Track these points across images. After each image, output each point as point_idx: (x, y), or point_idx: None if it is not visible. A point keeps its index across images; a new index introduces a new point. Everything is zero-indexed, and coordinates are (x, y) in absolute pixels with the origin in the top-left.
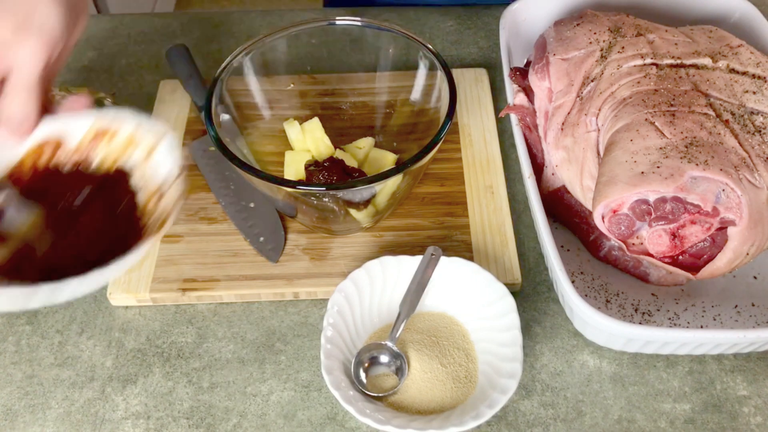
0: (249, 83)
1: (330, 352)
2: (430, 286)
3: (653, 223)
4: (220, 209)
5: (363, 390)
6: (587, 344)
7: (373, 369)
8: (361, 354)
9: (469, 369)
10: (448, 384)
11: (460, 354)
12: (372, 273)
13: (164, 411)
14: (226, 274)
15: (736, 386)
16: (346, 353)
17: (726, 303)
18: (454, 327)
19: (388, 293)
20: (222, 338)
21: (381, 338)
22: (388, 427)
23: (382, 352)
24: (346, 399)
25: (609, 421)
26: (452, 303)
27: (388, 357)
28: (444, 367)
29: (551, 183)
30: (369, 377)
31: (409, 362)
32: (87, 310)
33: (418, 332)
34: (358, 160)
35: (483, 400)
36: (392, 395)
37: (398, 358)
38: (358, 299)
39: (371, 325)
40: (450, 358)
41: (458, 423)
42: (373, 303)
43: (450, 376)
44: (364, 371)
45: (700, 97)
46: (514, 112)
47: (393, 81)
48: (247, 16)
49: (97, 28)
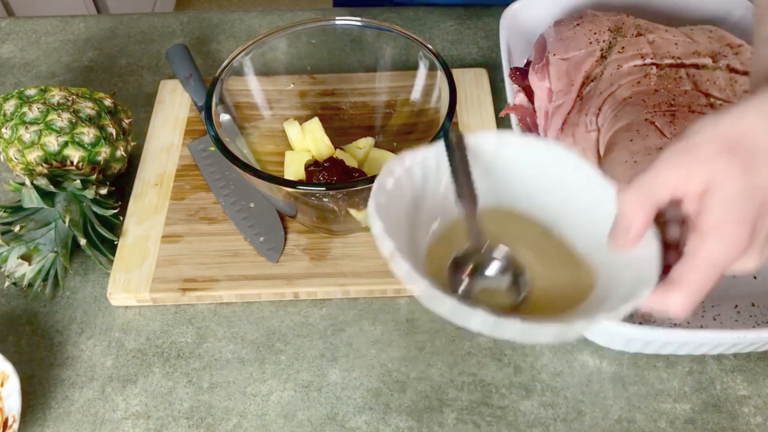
0: (249, 83)
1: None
2: (505, 181)
3: None
4: (220, 209)
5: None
6: (587, 344)
7: (475, 282)
8: (462, 260)
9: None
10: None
11: (562, 257)
12: (408, 168)
13: (164, 411)
14: (226, 274)
15: (736, 386)
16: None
17: (726, 303)
18: (542, 228)
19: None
20: (222, 338)
21: (443, 250)
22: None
23: (486, 259)
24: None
25: (609, 421)
26: (541, 200)
27: (497, 266)
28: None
29: None
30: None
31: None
32: (87, 310)
33: (503, 234)
34: (358, 160)
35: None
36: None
37: (508, 267)
38: (401, 201)
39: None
40: (551, 265)
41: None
42: (422, 204)
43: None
44: (460, 284)
45: (701, 97)
46: (514, 112)
47: (393, 81)
48: (247, 16)
49: (97, 28)
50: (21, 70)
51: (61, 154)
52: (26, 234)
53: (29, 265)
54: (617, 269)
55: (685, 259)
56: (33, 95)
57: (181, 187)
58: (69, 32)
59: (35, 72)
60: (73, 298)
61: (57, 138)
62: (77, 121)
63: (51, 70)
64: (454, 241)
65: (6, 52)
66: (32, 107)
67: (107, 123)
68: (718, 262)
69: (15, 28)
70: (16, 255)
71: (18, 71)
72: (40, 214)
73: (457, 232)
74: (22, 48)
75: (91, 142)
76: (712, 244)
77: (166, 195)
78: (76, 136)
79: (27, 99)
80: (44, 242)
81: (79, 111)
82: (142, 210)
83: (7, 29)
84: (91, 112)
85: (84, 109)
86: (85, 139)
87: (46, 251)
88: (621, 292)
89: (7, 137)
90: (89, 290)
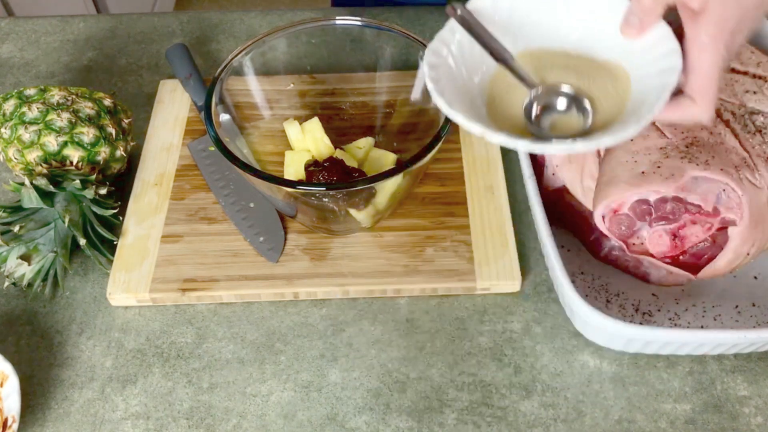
0: (249, 83)
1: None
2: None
3: (654, 223)
4: (220, 209)
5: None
6: (587, 344)
7: (545, 116)
8: (529, 107)
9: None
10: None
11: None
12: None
13: (164, 411)
14: (226, 274)
15: (736, 386)
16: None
17: (727, 303)
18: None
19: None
20: (222, 338)
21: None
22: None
23: (552, 95)
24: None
25: (609, 421)
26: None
27: (565, 100)
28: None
29: (551, 183)
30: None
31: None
32: (87, 311)
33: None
34: (358, 160)
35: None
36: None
37: (573, 99)
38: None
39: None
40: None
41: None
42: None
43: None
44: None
45: None
46: None
47: (393, 81)
48: (247, 16)
49: (97, 28)
50: (21, 70)
51: (60, 154)
52: (26, 234)
53: (29, 265)
54: (646, 78)
55: (693, 73)
56: (32, 95)
57: (181, 187)
58: (69, 32)
59: (35, 72)
60: (73, 298)
61: (56, 138)
62: (77, 121)
63: (50, 70)
64: (507, 98)
65: (6, 52)
66: (32, 107)
67: (107, 123)
68: (719, 69)
69: (15, 28)
70: (16, 255)
71: (18, 71)
72: (40, 214)
73: (508, 90)
74: (21, 48)
75: (90, 142)
76: (712, 56)
77: (165, 195)
78: (76, 136)
79: (26, 99)
80: (44, 242)
81: (79, 111)
82: (142, 210)
83: (7, 29)
84: (90, 112)
85: (83, 109)
86: (85, 139)
87: (45, 251)
88: (650, 100)
89: (7, 137)
90: (89, 290)
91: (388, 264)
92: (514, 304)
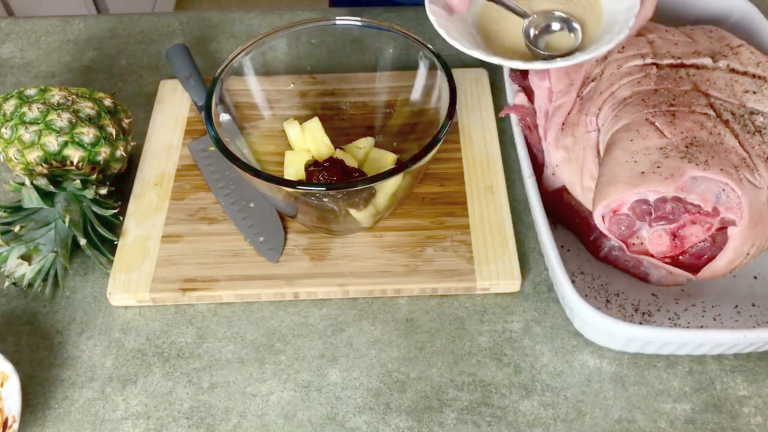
0: (249, 83)
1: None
2: None
3: (653, 223)
4: (220, 209)
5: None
6: (587, 344)
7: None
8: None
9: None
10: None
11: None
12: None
13: (164, 411)
14: (226, 274)
15: (736, 386)
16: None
17: (726, 303)
18: None
19: None
20: (222, 338)
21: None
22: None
23: (547, 20)
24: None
25: (609, 421)
26: None
27: (558, 23)
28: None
29: (551, 183)
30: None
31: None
32: (87, 310)
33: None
34: (358, 160)
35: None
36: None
37: (563, 21)
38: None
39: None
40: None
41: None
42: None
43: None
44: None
45: (701, 97)
46: (514, 112)
47: (393, 81)
48: (247, 16)
49: (97, 28)
50: (21, 70)
51: (60, 154)
52: (26, 234)
53: (29, 265)
54: (615, 14)
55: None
56: (33, 95)
57: (181, 187)
58: (69, 32)
59: (35, 72)
60: (73, 298)
61: (57, 138)
62: (77, 121)
63: (51, 70)
64: (496, 29)
65: (6, 52)
66: (32, 107)
67: (107, 123)
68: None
69: (15, 28)
70: (16, 255)
71: (18, 71)
72: (40, 214)
73: (497, 22)
74: (22, 48)
75: (90, 142)
76: None
77: (166, 195)
78: (76, 136)
79: (27, 99)
80: (44, 242)
81: (79, 111)
82: (142, 210)
83: (7, 29)
84: (90, 112)
85: (84, 109)
86: (85, 139)
87: (46, 251)
88: (615, 29)
89: (7, 137)
90: (89, 290)
91: (388, 264)
92: (513, 304)
